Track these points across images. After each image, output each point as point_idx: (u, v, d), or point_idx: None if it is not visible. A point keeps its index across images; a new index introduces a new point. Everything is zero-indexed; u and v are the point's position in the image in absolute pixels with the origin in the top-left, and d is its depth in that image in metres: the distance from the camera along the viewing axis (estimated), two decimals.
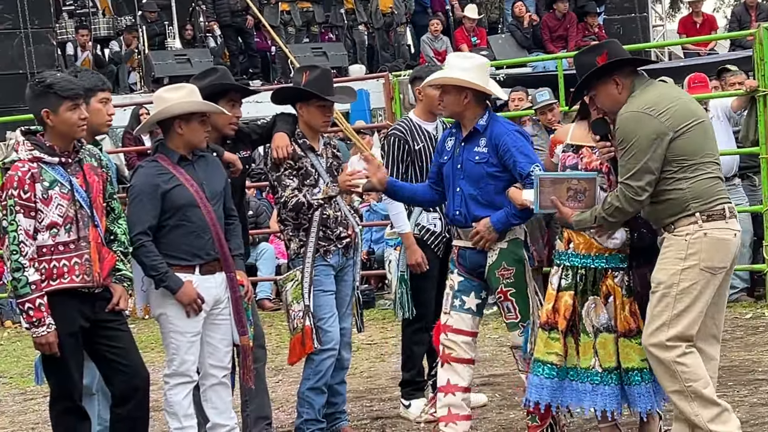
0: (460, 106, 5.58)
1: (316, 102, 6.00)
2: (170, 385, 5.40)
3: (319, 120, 6.05)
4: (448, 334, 5.70)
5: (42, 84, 4.95)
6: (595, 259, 5.24)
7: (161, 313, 5.41)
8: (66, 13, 17.44)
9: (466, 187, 5.60)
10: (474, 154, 5.57)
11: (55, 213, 4.92)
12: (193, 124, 5.39)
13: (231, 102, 5.86)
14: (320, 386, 5.99)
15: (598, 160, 5.23)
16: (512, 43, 16.99)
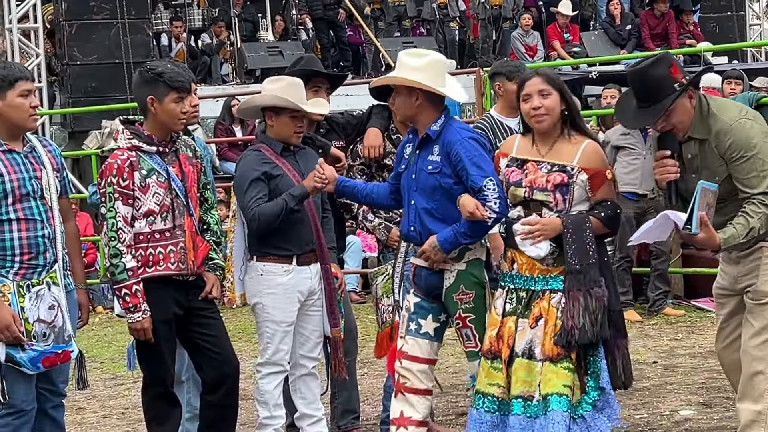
0: (412, 108, 5.09)
1: None
2: (262, 374, 5.44)
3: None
4: (403, 362, 5.19)
5: (153, 72, 5.02)
6: (537, 281, 4.85)
7: (257, 302, 5.46)
8: (161, 4, 17.68)
9: (419, 200, 5.10)
10: (427, 164, 5.07)
11: (152, 201, 5.00)
12: (283, 117, 5.42)
13: (314, 88, 5.87)
14: None
15: (543, 177, 4.83)
16: (605, 40, 16.80)
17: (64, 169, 5.09)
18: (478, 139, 5.08)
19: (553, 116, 4.84)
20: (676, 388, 6.91)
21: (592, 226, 4.76)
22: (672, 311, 9.64)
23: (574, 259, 4.72)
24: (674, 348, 8.25)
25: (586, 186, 4.80)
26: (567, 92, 4.89)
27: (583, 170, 4.79)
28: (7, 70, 4.83)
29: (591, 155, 4.82)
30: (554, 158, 4.83)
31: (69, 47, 14.89)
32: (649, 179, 9.58)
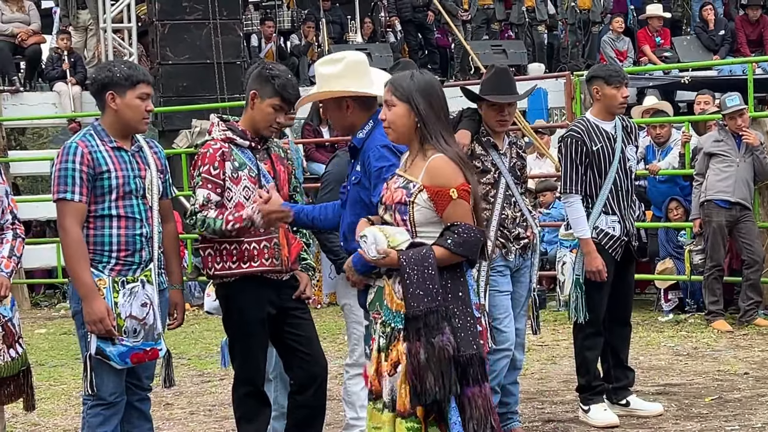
0: (345, 119, 4.83)
1: (487, 102, 5.99)
2: (350, 374, 5.46)
3: (492, 119, 6.00)
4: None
5: (270, 71, 5.06)
6: (396, 317, 4.22)
7: (345, 303, 5.48)
8: (252, 5, 17.84)
9: (346, 214, 4.80)
10: (353, 174, 4.79)
11: (242, 194, 5.02)
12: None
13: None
14: (493, 386, 5.97)
15: (392, 194, 4.28)
16: (697, 45, 16.53)
17: (167, 172, 5.16)
18: (394, 147, 4.62)
19: (397, 129, 4.32)
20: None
21: (435, 261, 4.12)
22: (763, 322, 9.46)
23: (413, 303, 4.10)
24: (766, 359, 8.09)
25: (430, 206, 4.19)
26: (419, 102, 4.26)
27: (424, 188, 4.19)
28: (132, 70, 4.92)
29: (434, 171, 4.19)
30: (410, 174, 4.30)
31: (161, 47, 15.08)
32: (743, 187, 9.45)
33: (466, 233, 4.16)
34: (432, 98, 4.29)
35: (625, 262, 6.58)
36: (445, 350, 4.07)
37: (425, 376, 4.05)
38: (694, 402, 6.85)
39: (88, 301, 4.73)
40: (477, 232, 4.19)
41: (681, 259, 10.32)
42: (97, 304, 4.72)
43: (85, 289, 4.75)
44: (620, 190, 6.46)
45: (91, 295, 4.73)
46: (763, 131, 9.97)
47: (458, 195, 4.16)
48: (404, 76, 4.33)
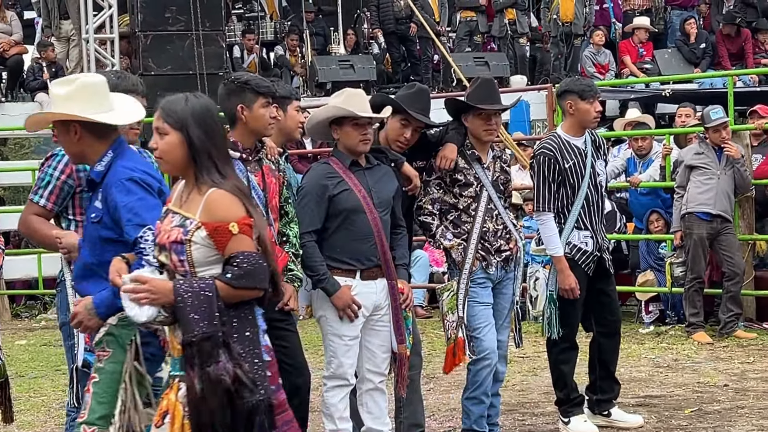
0: (74, 145, 4.44)
1: (476, 112, 6.00)
2: (328, 386, 5.47)
3: (479, 129, 6.03)
4: None
5: (239, 81, 5.12)
6: (176, 363, 3.88)
7: (321, 315, 5.51)
8: (235, 16, 17.84)
9: (83, 253, 4.47)
10: (91, 210, 4.44)
11: None
12: (345, 128, 5.46)
13: (403, 121, 5.81)
14: (477, 396, 6.00)
15: (167, 233, 3.90)
16: (678, 58, 16.60)
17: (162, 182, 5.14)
18: (139, 179, 4.36)
19: (170, 160, 3.92)
20: (747, 413, 6.80)
21: (216, 293, 3.78)
22: (744, 334, 9.50)
23: (188, 329, 3.74)
24: (745, 371, 8.13)
25: (210, 244, 3.83)
26: (193, 130, 3.88)
27: (202, 225, 3.82)
28: (121, 80, 4.90)
29: (212, 206, 3.83)
30: (186, 209, 3.90)
31: (144, 58, 15.07)
32: (724, 200, 9.49)
33: (247, 263, 3.81)
34: (209, 125, 3.91)
35: (601, 275, 6.59)
36: (222, 380, 3.69)
37: (201, 410, 3.69)
38: (674, 414, 6.87)
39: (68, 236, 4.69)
40: (259, 258, 3.83)
41: (662, 271, 10.36)
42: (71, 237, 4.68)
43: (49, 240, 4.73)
44: (592, 205, 6.48)
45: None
46: (743, 144, 10.02)
47: (239, 230, 3.81)
48: (177, 100, 3.94)
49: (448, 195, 6.05)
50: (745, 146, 10.08)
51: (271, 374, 3.94)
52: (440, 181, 6.04)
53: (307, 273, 5.42)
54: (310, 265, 5.40)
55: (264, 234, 3.91)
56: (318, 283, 5.41)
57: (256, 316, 3.93)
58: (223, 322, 3.76)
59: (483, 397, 6.02)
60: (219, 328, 3.74)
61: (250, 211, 3.87)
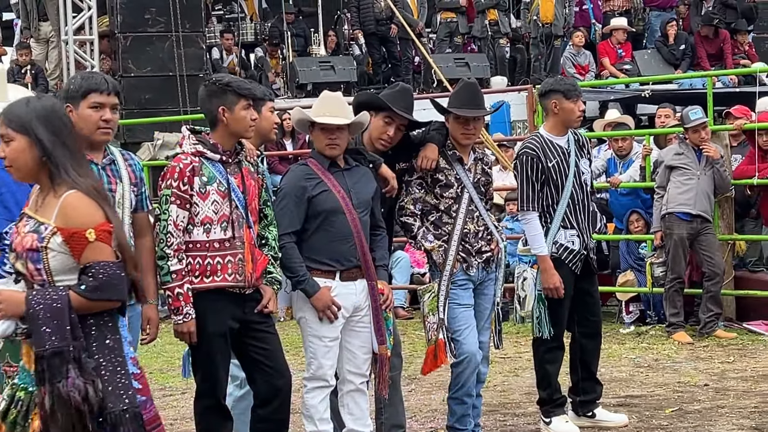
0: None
1: (454, 115, 6.01)
2: (308, 388, 5.47)
3: (457, 132, 6.05)
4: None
5: (220, 83, 5.10)
6: (33, 378, 3.68)
7: (301, 317, 5.51)
8: (215, 17, 17.81)
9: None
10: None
11: (210, 209, 5.02)
12: (315, 131, 5.50)
13: (387, 119, 5.82)
14: (458, 396, 6.03)
15: (21, 239, 3.72)
16: (658, 59, 16.68)
17: (143, 184, 5.13)
18: None
19: (20, 167, 3.74)
20: (727, 412, 6.83)
21: (69, 305, 3.60)
22: (724, 334, 9.53)
23: (39, 342, 3.56)
24: (726, 371, 8.16)
25: (67, 251, 3.65)
26: (40, 132, 3.70)
27: (58, 231, 3.64)
28: (84, 80, 4.85)
29: (68, 210, 3.64)
30: (41, 214, 3.72)
31: (123, 59, 15.03)
32: (703, 200, 9.53)
33: (103, 273, 3.63)
34: (56, 125, 3.73)
35: (586, 275, 6.62)
36: (72, 397, 3.52)
37: (52, 427, 3.54)
38: (655, 414, 6.89)
39: None
40: (117, 268, 3.66)
41: (642, 272, 10.38)
42: None
43: None
44: (577, 204, 6.50)
45: None
46: (722, 144, 10.06)
47: (96, 237, 3.62)
48: (19, 104, 3.76)
49: (430, 195, 6.05)
50: (725, 146, 10.12)
51: (142, 386, 3.86)
52: (422, 181, 6.05)
53: (286, 274, 5.42)
54: (289, 266, 5.39)
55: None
56: (298, 285, 5.41)
57: (118, 324, 3.79)
58: (75, 336, 3.59)
59: (465, 397, 6.04)
60: (70, 342, 3.57)
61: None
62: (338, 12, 18.44)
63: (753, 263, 10.40)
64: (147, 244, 5.10)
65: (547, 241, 6.43)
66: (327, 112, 5.46)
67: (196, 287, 5.02)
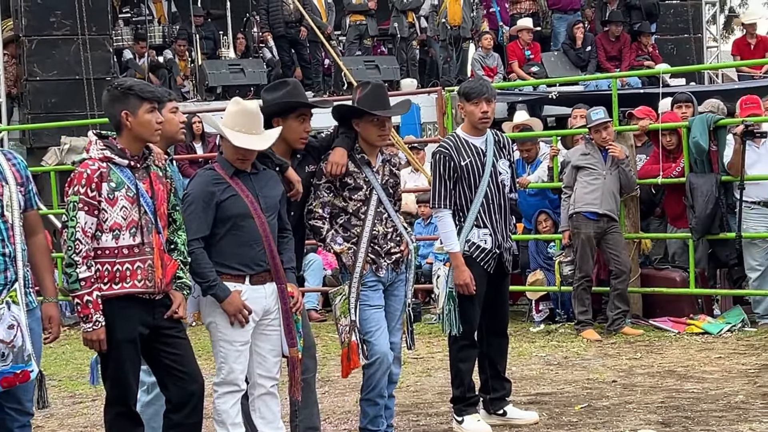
0: None
1: (368, 117, 6.05)
2: (218, 393, 5.45)
3: (374, 134, 6.09)
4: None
5: (122, 87, 5.05)
6: None
7: (210, 321, 5.48)
8: (122, 20, 17.60)
9: None
10: None
11: (119, 215, 4.98)
12: (229, 143, 5.46)
13: (301, 117, 5.86)
14: (371, 398, 6.05)
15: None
16: (565, 61, 16.92)
17: (30, 182, 5.05)
18: None
19: None
20: (635, 407, 6.96)
21: None
22: (631, 330, 9.71)
23: None
24: (633, 367, 8.31)
25: None
26: None
27: None
28: None
29: None
30: None
31: (29, 63, 14.80)
32: (610, 199, 9.71)
33: None
34: None
35: (499, 274, 6.70)
36: None
37: None
38: (565, 410, 6.99)
39: None
40: None
41: (551, 271, 10.53)
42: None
43: None
44: (491, 204, 6.58)
45: None
46: (627, 144, 10.25)
47: None
48: None
49: (338, 199, 6.08)
50: (630, 147, 10.31)
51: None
52: (330, 184, 6.07)
53: (196, 280, 5.39)
54: (199, 271, 5.37)
55: None
56: (208, 290, 5.39)
57: None
58: None
59: (377, 398, 6.07)
60: None
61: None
62: (247, 15, 18.35)
63: (658, 261, 10.62)
64: (40, 243, 5.06)
65: (460, 239, 6.50)
66: (243, 128, 5.43)
67: (105, 294, 4.97)
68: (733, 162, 9.63)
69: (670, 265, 10.48)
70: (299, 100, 5.91)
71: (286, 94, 5.89)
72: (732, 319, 9.80)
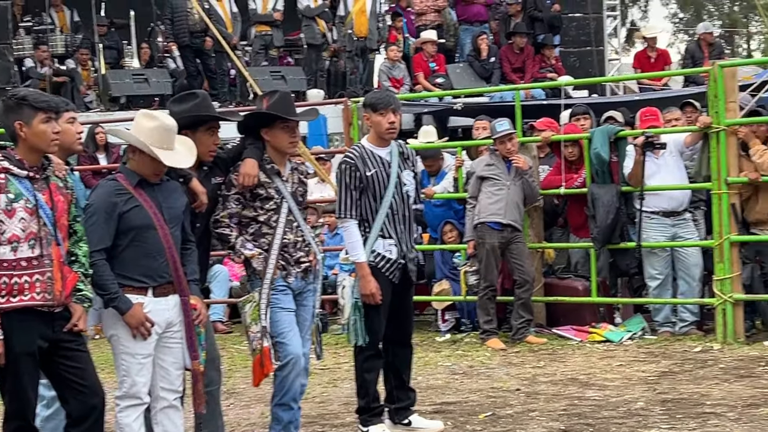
0: None
1: (280, 124, 6.05)
2: (121, 407, 5.39)
3: (285, 141, 6.10)
4: None
5: (15, 97, 4.98)
6: None
7: (112, 334, 5.42)
8: (23, 29, 17.30)
9: None
10: None
11: (18, 227, 4.90)
12: (143, 157, 5.41)
13: (210, 129, 5.84)
14: (286, 402, 6.03)
15: None
16: (470, 73, 17.07)
17: None
18: None
19: None
20: (538, 415, 7.04)
21: None
22: (534, 339, 9.83)
23: None
24: (536, 375, 8.41)
25: None
26: None
27: None
28: None
29: None
30: None
31: None
32: (513, 210, 9.82)
33: None
34: None
35: (404, 284, 6.73)
36: None
37: None
38: (469, 419, 7.05)
39: None
40: None
41: (457, 280, 10.61)
42: None
43: None
44: (396, 214, 6.62)
45: None
46: (531, 155, 10.39)
47: None
48: None
49: (248, 209, 6.07)
50: (533, 158, 10.46)
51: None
52: (239, 196, 6.04)
53: (97, 292, 5.32)
54: (100, 284, 5.30)
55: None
56: (110, 302, 5.32)
57: None
58: None
59: (292, 402, 6.05)
60: None
61: None
62: (152, 24, 18.15)
63: (561, 270, 10.78)
64: None
65: (366, 249, 6.53)
66: (165, 144, 5.38)
67: (3, 307, 4.88)
68: (634, 173, 9.83)
69: (573, 275, 10.64)
70: (209, 112, 5.89)
71: (196, 107, 5.86)
72: (633, 327, 9.98)
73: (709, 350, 9.03)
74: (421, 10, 17.85)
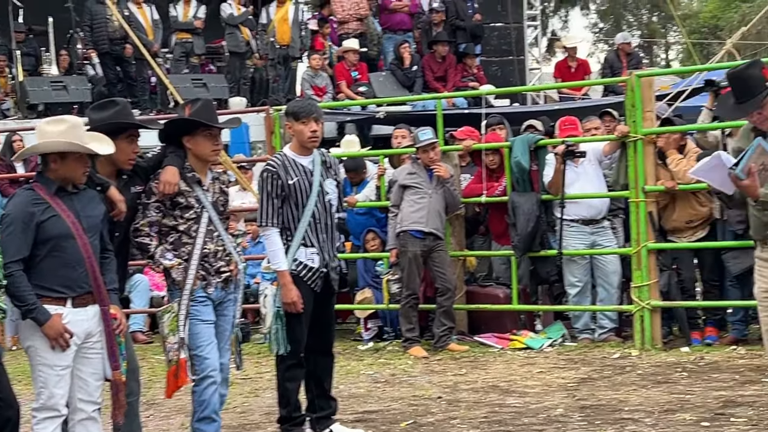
0: None
1: (202, 131, 6.01)
2: (38, 419, 5.30)
3: (208, 149, 6.06)
4: None
5: None
6: None
7: (30, 345, 5.33)
8: None
9: None
10: None
11: None
12: (69, 161, 5.33)
13: (130, 137, 5.80)
14: (207, 415, 5.98)
15: None
16: (392, 81, 17.12)
17: None
18: None
19: None
20: (459, 423, 7.07)
21: None
22: (456, 347, 9.87)
23: None
24: (458, 383, 8.45)
25: None
26: None
27: None
28: None
29: None
30: None
31: None
32: (435, 218, 9.87)
33: None
34: None
35: (325, 293, 6.73)
36: None
37: None
38: (391, 428, 7.06)
39: None
40: None
41: (379, 289, 10.63)
42: None
43: None
44: (318, 223, 6.62)
45: None
46: (452, 164, 10.45)
47: None
48: None
49: (168, 218, 6.02)
50: (454, 166, 10.52)
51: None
52: (159, 204, 5.99)
53: (15, 303, 5.23)
54: (18, 295, 5.21)
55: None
56: (28, 314, 5.23)
57: None
58: None
59: (213, 415, 6.01)
60: None
61: None
62: (71, 31, 17.92)
63: (483, 278, 10.85)
64: None
65: (288, 257, 6.51)
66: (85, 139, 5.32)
67: None
68: (554, 181, 9.93)
69: (494, 282, 10.71)
70: (129, 120, 5.84)
71: (116, 114, 5.81)
72: (553, 334, 10.08)
73: (627, 356, 9.15)
74: (343, 19, 17.86)
